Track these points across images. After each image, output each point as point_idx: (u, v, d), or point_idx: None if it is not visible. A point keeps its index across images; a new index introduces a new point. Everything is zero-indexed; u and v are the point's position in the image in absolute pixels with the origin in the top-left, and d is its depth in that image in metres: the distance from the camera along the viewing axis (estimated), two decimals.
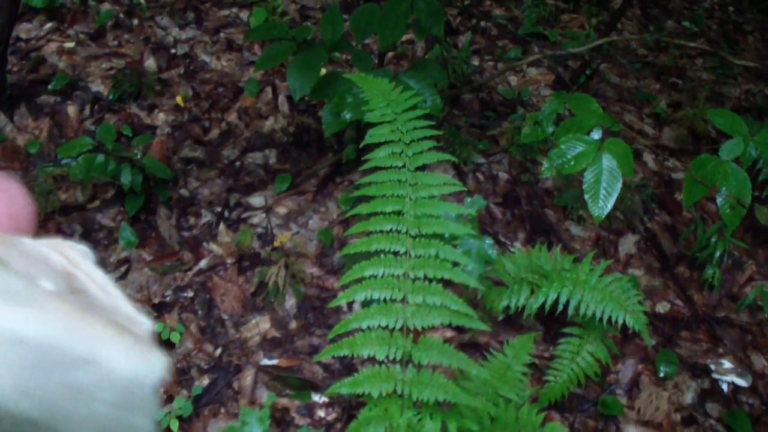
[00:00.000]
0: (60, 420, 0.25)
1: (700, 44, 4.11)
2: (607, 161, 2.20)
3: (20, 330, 0.24)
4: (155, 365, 0.26)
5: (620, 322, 2.27)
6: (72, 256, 0.32)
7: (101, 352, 0.25)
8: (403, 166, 1.81)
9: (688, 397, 2.57)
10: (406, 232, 1.72)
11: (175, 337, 2.57)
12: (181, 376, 2.52)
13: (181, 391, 2.48)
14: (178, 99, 3.50)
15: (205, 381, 2.50)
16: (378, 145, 1.86)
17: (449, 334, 2.62)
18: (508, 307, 2.45)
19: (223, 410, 2.44)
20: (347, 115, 2.53)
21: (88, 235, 2.87)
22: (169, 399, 2.45)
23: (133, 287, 2.75)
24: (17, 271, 0.27)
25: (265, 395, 2.48)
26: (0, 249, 0.28)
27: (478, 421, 1.88)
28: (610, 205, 2.19)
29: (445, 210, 1.79)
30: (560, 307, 2.33)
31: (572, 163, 2.22)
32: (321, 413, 2.43)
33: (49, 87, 3.44)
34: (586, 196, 2.20)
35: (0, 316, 0.24)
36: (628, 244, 3.08)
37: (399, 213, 1.76)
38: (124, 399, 0.25)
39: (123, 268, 2.79)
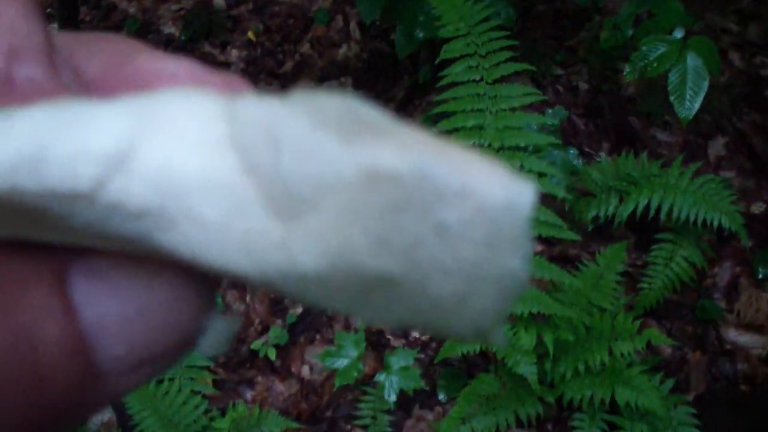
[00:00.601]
0: (423, 272, 0.20)
1: None
2: (692, 60, 2.13)
3: (382, 164, 0.19)
4: (527, 192, 0.20)
5: (715, 223, 2.22)
6: None
7: (473, 180, 0.20)
8: (481, 80, 1.78)
9: None
10: (489, 146, 1.70)
11: None
12: (274, 306, 2.56)
13: (276, 321, 2.52)
14: (250, 34, 3.50)
15: (299, 309, 2.53)
16: (453, 61, 1.84)
17: (539, 248, 2.60)
18: (597, 218, 2.41)
19: (318, 336, 2.48)
20: (420, 35, 2.49)
21: None
22: (265, 329, 2.50)
23: None
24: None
25: (359, 319, 2.51)
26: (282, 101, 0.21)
27: (573, 332, 1.87)
28: (697, 106, 2.12)
29: (526, 121, 1.76)
30: (652, 213, 2.28)
31: (655, 64, 2.16)
32: (415, 334, 2.45)
33: (123, 32, 3.47)
34: (672, 98, 2.14)
35: (349, 151, 0.19)
36: (717, 146, 2.99)
37: (480, 127, 1.74)
38: (496, 236, 0.20)
39: None
